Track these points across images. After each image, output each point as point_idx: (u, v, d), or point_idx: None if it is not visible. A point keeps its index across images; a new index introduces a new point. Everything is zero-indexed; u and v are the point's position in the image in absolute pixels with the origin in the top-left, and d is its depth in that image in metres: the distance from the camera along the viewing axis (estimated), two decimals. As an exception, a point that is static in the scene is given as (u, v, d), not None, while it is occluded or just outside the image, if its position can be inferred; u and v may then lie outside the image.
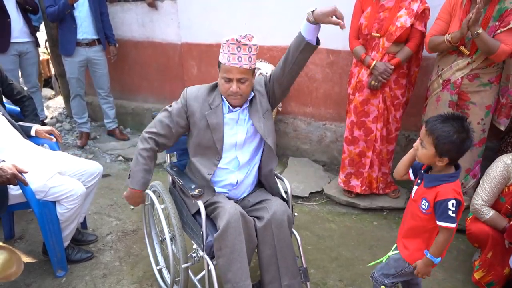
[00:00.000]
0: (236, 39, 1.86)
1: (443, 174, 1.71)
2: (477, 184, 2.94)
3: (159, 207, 2.17)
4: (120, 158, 4.25)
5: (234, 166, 2.09)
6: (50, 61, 5.89)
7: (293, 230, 2.09)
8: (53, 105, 5.78)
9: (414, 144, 1.76)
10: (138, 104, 4.90)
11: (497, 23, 2.48)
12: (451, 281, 2.48)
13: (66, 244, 2.57)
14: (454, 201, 1.63)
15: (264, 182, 2.20)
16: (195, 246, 2.03)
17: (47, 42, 5.08)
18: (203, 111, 2.02)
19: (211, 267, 1.89)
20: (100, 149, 4.44)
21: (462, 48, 2.58)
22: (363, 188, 3.21)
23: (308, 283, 2.08)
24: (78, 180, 2.53)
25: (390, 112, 3.03)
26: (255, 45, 1.90)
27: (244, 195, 2.16)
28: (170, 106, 2.09)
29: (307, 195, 3.43)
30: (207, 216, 1.95)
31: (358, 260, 2.66)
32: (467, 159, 2.87)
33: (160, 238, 2.46)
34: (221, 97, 2.05)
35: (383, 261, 1.96)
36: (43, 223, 2.36)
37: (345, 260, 2.68)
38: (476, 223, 2.30)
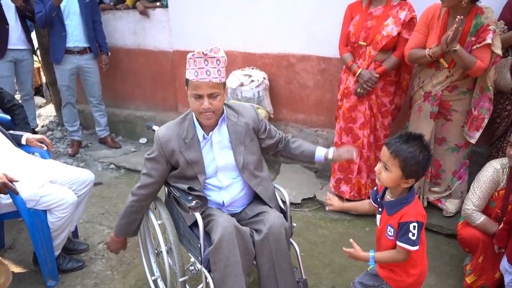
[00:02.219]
0: (203, 52, 1.81)
1: (401, 197, 1.69)
2: (463, 186, 2.98)
3: (155, 221, 2.13)
4: (112, 166, 4.23)
5: (217, 187, 2.05)
6: (41, 69, 5.87)
7: (291, 240, 2.06)
8: (44, 113, 5.74)
9: (376, 168, 1.71)
10: (130, 111, 4.89)
11: (473, 39, 2.52)
12: (443, 286, 2.49)
13: (57, 253, 2.54)
14: (416, 224, 1.63)
15: (259, 195, 2.14)
16: (192, 259, 2.01)
17: (37, 50, 5.06)
18: (179, 149, 1.96)
19: (209, 280, 1.85)
20: (91, 157, 4.42)
21: (441, 60, 2.62)
22: (352, 194, 3.22)
23: None
24: (70, 188, 2.52)
25: (377, 119, 3.06)
26: (223, 57, 1.85)
27: (240, 210, 2.12)
28: (149, 155, 2.03)
29: (300, 202, 3.43)
30: (205, 228, 1.92)
31: (350, 266, 2.67)
32: (453, 162, 2.92)
33: (156, 251, 2.39)
34: (194, 127, 1.98)
35: (369, 269, 1.92)
36: (33, 232, 2.33)
37: (338, 266, 2.68)
38: (467, 228, 2.32)
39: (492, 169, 2.27)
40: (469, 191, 2.33)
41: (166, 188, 2.22)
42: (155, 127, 2.38)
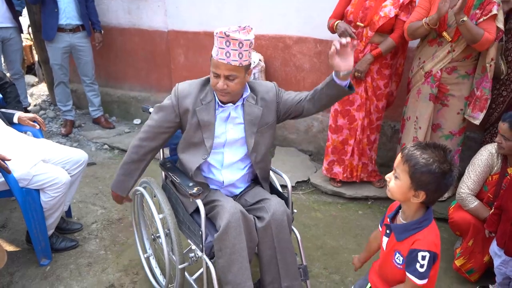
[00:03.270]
0: (225, 33, 1.69)
1: (414, 221, 1.45)
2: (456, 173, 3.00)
3: (152, 206, 2.07)
4: (106, 146, 4.21)
5: (219, 164, 2.01)
6: (33, 47, 5.77)
7: (292, 227, 2.04)
8: (37, 92, 5.67)
9: (386, 176, 1.49)
10: (124, 92, 4.84)
11: (478, 11, 2.49)
12: (433, 269, 2.53)
13: (50, 232, 2.54)
14: (426, 254, 1.39)
15: (260, 180, 2.12)
16: (193, 247, 1.96)
17: (30, 28, 4.95)
18: (194, 107, 1.91)
19: (211, 268, 1.83)
20: (85, 137, 4.38)
21: (444, 33, 2.59)
22: (345, 175, 3.24)
23: (308, 282, 2.05)
24: (63, 168, 2.50)
25: (371, 102, 3.05)
26: (248, 40, 1.74)
27: (239, 191, 2.09)
28: (160, 105, 1.97)
29: (294, 185, 3.45)
30: (205, 215, 1.88)
31: (342, 249, 2.70)
32: None
33: (152, 236, 2.31)
34: (213, 93, 1.93)
35: None
36: (26, 211, 2.33)
37: (330, 249, 2.71)
38: (459, 211, 2.35)
39: (487, 153, 2.28)
40: (464, 175, 2.35)
41: (163, 172, 2.17)
42: (151, 110, 2.34)
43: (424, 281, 1.41)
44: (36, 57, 5.94)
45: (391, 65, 3.02)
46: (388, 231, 1.55)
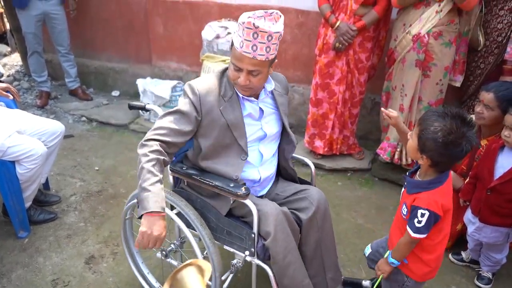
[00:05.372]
0: (253, 24, 1.49)
1: (424, 180, 1.55)
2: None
3: (171, 213, 1.80)
4: (83, 118, 4.12)
5: (257, 162, 1.83)
6: (4, 15, 5.52)
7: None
8: (10, 62, 5.47)
9: (408, 134, 1.59)
10: (102, 63, 4.71)
11: None
12: (408, 237, 2.61)
13: (27, 205, 2.51)
14: (425, 212, 1.48)
15: (283, 171, 2.00)
16: (238, 252, 1.78)
17: (-1, -6, 4.74)
18: (219, 106, 1.70)
19: (269, 270, 1.70)
20: (61, 109, 4.28)
21: None
22: (325, 149, 3.27)
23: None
24: (39, 139, 2.45)
25: (353, 76, 3.05)
26: (278, 32, 1.55)
27: (264, 192, 1.93)
28: (176, 108, 1.69)
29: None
30: (239, 217, 1.78)
31: (322, 219, 2.74)
32: None
33: (164, 252, 1.92)
34: (233, 86, 1.73)
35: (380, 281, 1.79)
36: (1, 183, 2.29)
37: (310, 219, 2.75)
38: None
39: (462, 126, 2.32)
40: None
41: (172, 176, 1.92)
42: (153, 107, 2.07)
43: (419, 236, 1.52)
44: (7, 26, 5.70)
45: (373, 37, 3.01)
46: (405, 183, 1.64)
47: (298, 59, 3.75)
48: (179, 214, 1.82)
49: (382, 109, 1.85)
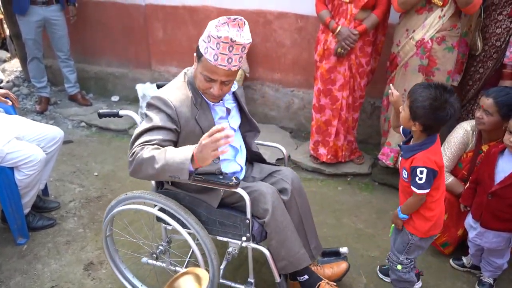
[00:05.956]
0: (231, 39, 1.52)
1: (415, 143, 1.76)
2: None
3: (181, 229, 1.81)
4: (83, 124, 4.12)
5: (232, 155, 1.91)
6: (4, 21, 5.53)
7: None
8: (9, 68, 5.47)
9: (400, 108, 1.79)
10: (101, 68, 4.71)
11: None
12: (409, 242, 2.60)
13: (26, 211, 2.50)
14: (423, 169, 1.70)
15: (252, 155, 2.07)
16: (232, 241, 1.86)
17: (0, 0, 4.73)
18: (194, 115, 1.72)
19: (266, 252, 1.81)
20: (61, 115, 4.27)
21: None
22: (329, 157, 3.25)
23: None
24: (38, 145, 2.45)
25: (355, 80, 3.04)
26: (249, 40, 1.60)
27: (242, 176, 1.99)
28: (155, 124, 1.64)
29: (274, 161, 3.45)
30: (230, 205, 1.85)
31: (322, 224, 2.73)
32: None
33: (155, 255, 1.98)
34: (199, 91, 1.76)
35: (390, 235, 2.06)
36: (0, 189, 2.28)
37: (310, 224, 2.74)
38: (435, 187, 2.40)
39: (463, 131, 2.31)
40: (440, 152, 2.39)
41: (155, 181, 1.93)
42: (127, 112, 2.08)
43: (423, 191, 1.74)
44: (7, 31, 5.71)
45: (373, 42, 3.01)
46: (402, 152, 1.84)
47: (297, 63, 3.75)
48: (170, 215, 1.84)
49: (390, 85, 2.04)
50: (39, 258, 2.39)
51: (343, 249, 2.24)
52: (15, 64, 5.54)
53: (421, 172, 1.70)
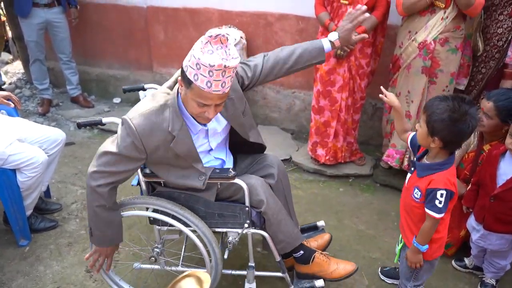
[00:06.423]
0: (224, 65, 1.48)
1: (435, 162, 1.64)
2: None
3: (183, 228, 1.88)
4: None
5: (219, 164, 1.97)
6: (6, 23, 5.55)
7: None
8: (12, 70, 5.50)
9: (416, 125, 1.67)
10: (103, 70, 4.72)
11: None
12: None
13: (28, 213, 2.51)
14: (444, 192, 1.59)
15: (244, 148, 2.09)
16: (232, 230, 1.94)
17: (1, 2, 4.75)
18: (166, 144, 1.67)
19: (267, 236, 1.93)
20: (63, 117, 4.29)
21: (437, 1, 2.59)
22: (327, 157, 3.25)
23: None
24: (40, 147, 2.45)
25: (355, 81, 3.05)
26: (238, 59, 1.56)
27: (224, 156, 2.01)
28: (118, 151, 1.65)
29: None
30: (224, 199, 1.93)
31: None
32: None
33: (153, 258, 2.03)
34: (182, 116, 1.69)
35: (395, 260, 1.97)
36: (2, 191, 2.28)
37: (312, 226, 2.74)
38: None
39: (464, 132, 2.31)
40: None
41: (145, 184, 1.93)
42: (111, 119, 2.13)
43: (442, 215, 1.63)
44: (9, 33, 5.73)
45: (372, 43, 3.01)
46: (412, 168, 1.74)
47: (298, 65, 3.75)
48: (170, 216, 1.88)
49: (381, 87, 1.95)
50: (41, 259, 2.39)
51: (320, 223, 2.41)
52: (17, 66, 5.56)
53: (441, 195, 1.59)
